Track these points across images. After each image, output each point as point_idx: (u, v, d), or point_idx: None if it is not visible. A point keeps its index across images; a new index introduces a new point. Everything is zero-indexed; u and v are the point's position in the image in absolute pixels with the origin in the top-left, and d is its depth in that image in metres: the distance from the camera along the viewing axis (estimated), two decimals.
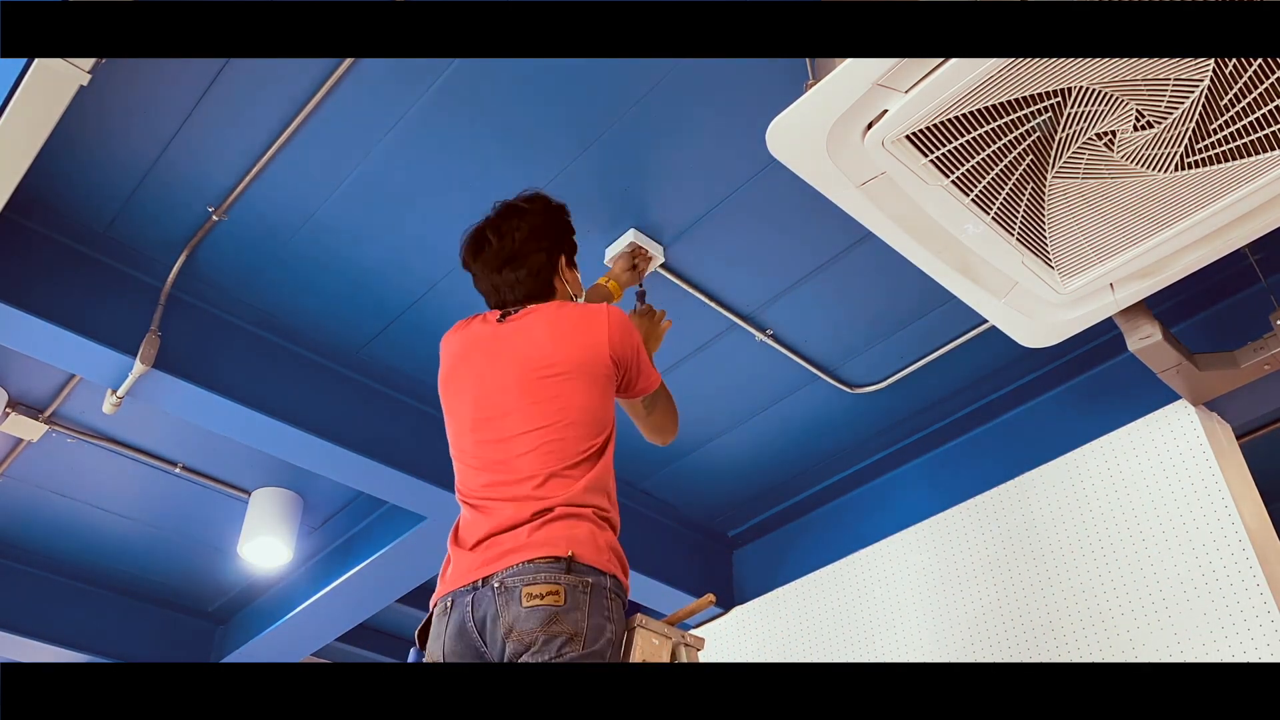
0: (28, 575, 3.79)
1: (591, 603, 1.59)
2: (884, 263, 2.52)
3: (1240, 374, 2.36)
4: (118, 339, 2.48)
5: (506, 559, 1.62)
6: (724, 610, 3.49)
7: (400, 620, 4.45)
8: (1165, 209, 1.80)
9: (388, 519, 3.37)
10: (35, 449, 3.26)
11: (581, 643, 1.55)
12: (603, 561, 1.63)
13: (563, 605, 1.56)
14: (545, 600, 1.56)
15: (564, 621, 1.55)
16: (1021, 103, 1.64)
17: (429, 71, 2.16)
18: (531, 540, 1.63)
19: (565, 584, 1.58)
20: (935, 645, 2.83)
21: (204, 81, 2.19)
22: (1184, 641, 2.34)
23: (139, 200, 2.45)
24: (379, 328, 2.82)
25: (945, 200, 1.80)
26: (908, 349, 2.90)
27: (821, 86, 1.66)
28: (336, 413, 2.84)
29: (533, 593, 1.57)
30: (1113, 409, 2.72)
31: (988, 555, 2.82)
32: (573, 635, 1.55)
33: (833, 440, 3.25)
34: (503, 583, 1.60)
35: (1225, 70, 1.57)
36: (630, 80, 2.18)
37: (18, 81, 1.88)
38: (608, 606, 1.61)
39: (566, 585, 1.58)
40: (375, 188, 2.41)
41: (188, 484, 3.47)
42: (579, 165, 2.36)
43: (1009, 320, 2.10)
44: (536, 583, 1.58)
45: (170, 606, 4.11)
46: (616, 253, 2.49)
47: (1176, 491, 2.50)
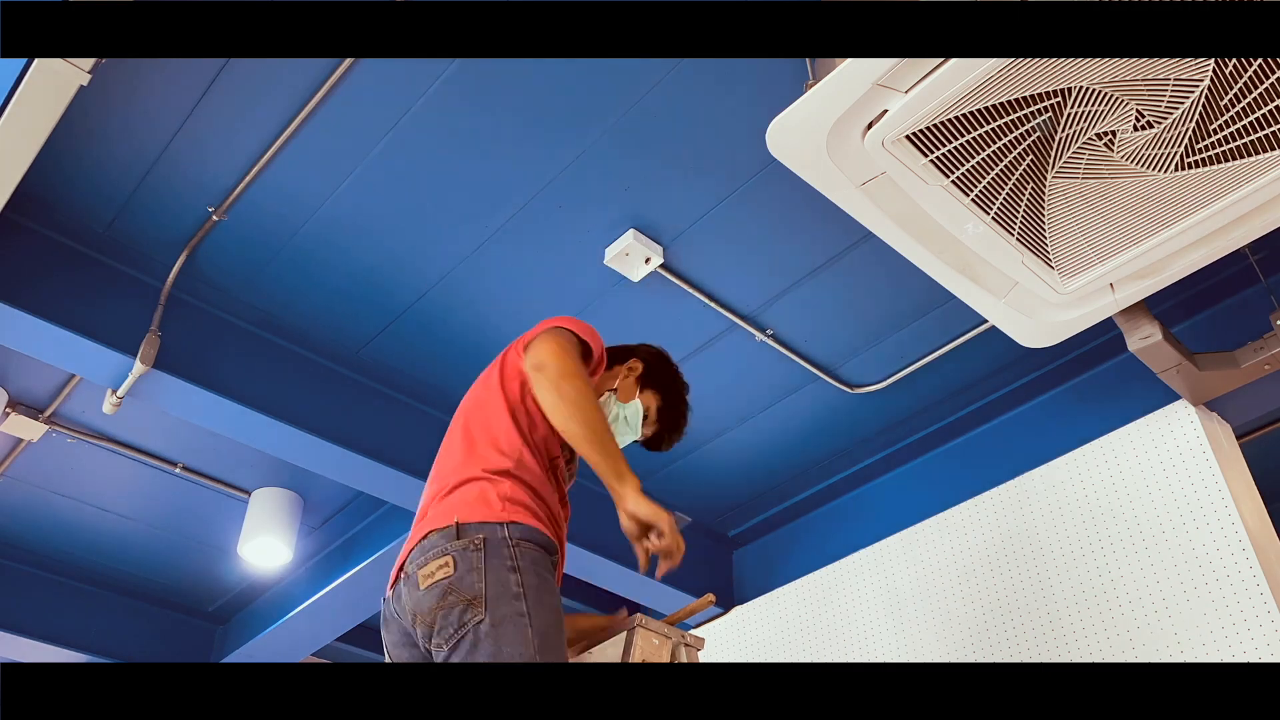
0: (28, 575, 3.79)
1: (488, 560, 1.50)
2: (884, 263, 2.52)
3: (1240, 374, 2.36)
4: (118, 339, 2.48)
5: (407, 545, 1.62)
6: (724, 610, 3.49)
7: None
8: (1165, 209, 1.80)
9: (388, 519, 3.37)
10: (35, 449, 3.26)
11: (484, 605, 1.47)
12: (494, 513, 1.56)
13: (454, 574, 1.50)
14: (437, 576, 1.51)
15: (459, 590, 1.49)
16: (1021, 103, 1.64)
17: (429, 71, 2.16)
18: (422, 522, 1.62)
19: (454, 551, 1.51)
20: (935, 645, 2.83)
21: (204, 81, 2.19)
22: (1184, 641, 2.34)
23: (139, 200, 2.45)
24: (379, 328, 2.82)
25: (945, 200, 1.81)
26: (908, 349, 2.90)
27: (821, 86, 1.66)
28: (336, 413, 2.84)
29: (425, 573, 1.52)
30: (1113, 409, 2.72)
31: (988, 555, 2.82)
32: (471, 600, 1.48)
33: (833, 440, 3.25)
34: (406, 571, 1.58)
35: (1225, 70, 1.57)
36: (630, 80, 2.18)
37: (18, 81, 1.88)
38: (510, 555, 1.52)
39: (455, 552, 1.51)
40: (375, 188, 2.41)
41: (188, 484, 3.47)
42: (579, 165, 2.36)
43: (1009, 320, 2.10)
44: (428, 561, 1.53)
45: (170, 606, 4.11)
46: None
47: (1176, 491, 2.50)
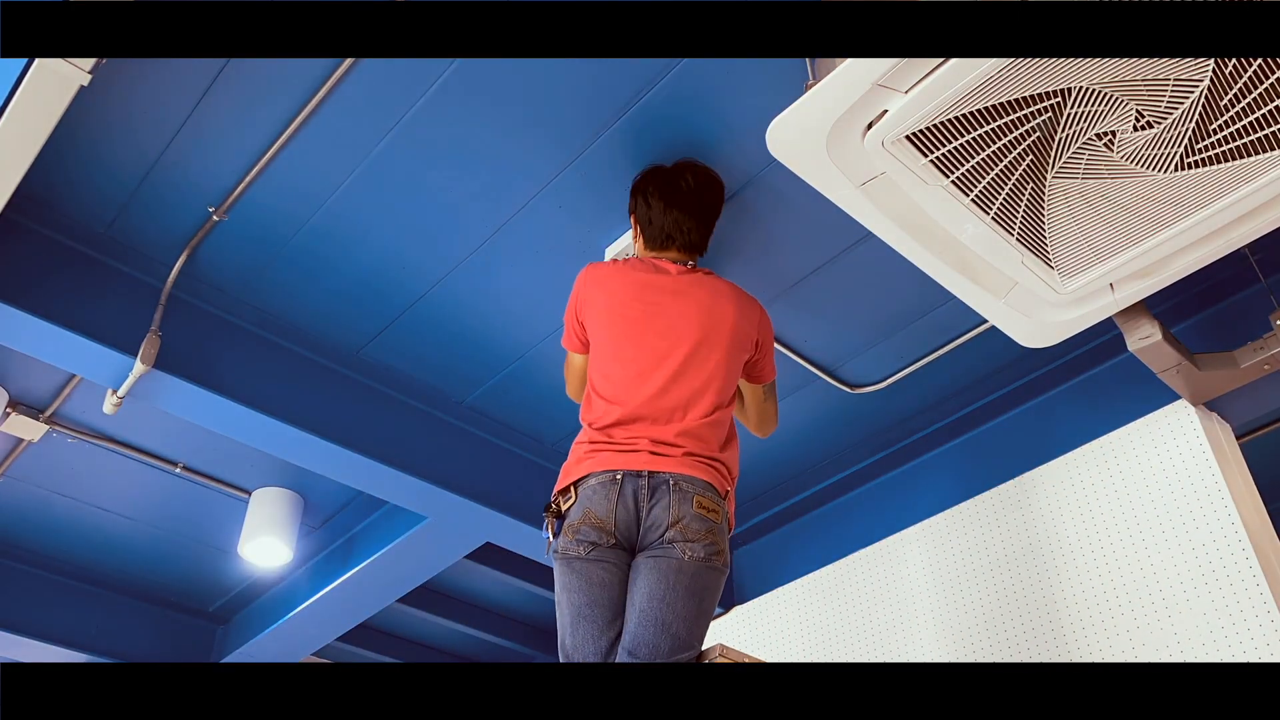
0: (28, 575, 3.79)
1: (726, 535, 1.97)
2: (884, 263, 2.52)
3: (1240, 374, 2.36)
4: (118, 339, 2.48)
5: (656, 436, 1.96)
6: (724, 610, 3.49)
7: (400, 620, 4.45)
8: (1165, 209, 1.80)
9: (388, 519, 3.38)
10: (36, 449, 3.26)
11: (727, 559, 1.95)
12: (729, 509, 2.07)
13: (719, 523, 1.92)
14: (710, 517, 1.90)
15: (717, 535, 1.90)
16: (1021, 103, 1.64)
17: (429, 71, 2.16)
18: (683, 436, 1.97)
19: (722, 510, 1.96)
20: (936, 645, 2.83)
21: (204, 81, 2.19)
22: (1184, 641, 2.34)
23: (139, 200, 2.45)
24: (379, 328, 2.82)
25: (945, 200, 1.81)
26: (908, 349, 2.90)
27: (821, 86, 1.66)
28: (336, 413, 2.84)
29: (701, 502, 1.90)
30: (1113, 409, 2.72)
31: (988, 555, 2.82)
32: (721, 550, 1.92)
33: (833, 440, 3.25)
34: (678, 483, 1.89)
35: (1225, 70, 1.57)
36: (630, 80, 2.18)
37: (18, 81, 1.88)
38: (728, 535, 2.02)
39: (724, 511, 1.97)
40: (375, 188, 2.41)
41: (188, 484, 3.47)
42: (579, 164, 2.36)
43: (1009, 320, 2.10)
44: (704, 496, 1.91)
45: (170, 606, 4.11)
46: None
47: (1176, 491, 2.50)
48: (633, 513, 1.87)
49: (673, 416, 1.96)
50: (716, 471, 1.96)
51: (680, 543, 1.84)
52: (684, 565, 1.82)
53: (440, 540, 3.26)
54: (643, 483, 1.88)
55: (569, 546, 1.90)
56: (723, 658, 1.84)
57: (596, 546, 1.88)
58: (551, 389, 3.00)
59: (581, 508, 1.90)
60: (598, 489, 1.90)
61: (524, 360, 2.93)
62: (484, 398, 3.08)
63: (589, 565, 1.87)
